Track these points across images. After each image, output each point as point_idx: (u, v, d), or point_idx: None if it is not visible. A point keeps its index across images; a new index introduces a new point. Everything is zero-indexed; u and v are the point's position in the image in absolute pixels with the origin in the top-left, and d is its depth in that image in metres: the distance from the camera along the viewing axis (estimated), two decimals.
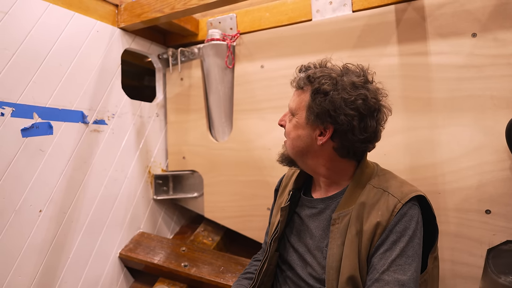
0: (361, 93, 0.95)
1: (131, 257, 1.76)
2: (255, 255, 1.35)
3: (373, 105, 0.96)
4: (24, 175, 1.36)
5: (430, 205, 0.97)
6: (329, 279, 0.92)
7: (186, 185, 2.16)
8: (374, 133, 0.99)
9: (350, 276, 0.88)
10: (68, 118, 1.53)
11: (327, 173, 1.05)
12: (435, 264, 1.00)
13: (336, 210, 0.98)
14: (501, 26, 1.32)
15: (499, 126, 1.29)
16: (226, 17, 1.94)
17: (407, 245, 0.87)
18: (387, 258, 0.87)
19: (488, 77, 1.33)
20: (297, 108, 1.04)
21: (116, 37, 1.82)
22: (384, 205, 0.92)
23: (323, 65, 1.06)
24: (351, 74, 1.00)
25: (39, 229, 1.40)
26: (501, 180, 1.30)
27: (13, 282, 1.30)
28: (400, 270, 0.85)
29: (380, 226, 0.90)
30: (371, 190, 0.97)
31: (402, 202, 0.91)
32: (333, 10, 1.66)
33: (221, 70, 1.91)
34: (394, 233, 0.89)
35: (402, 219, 0.90)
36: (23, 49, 1.37)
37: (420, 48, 1.46)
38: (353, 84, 0.96)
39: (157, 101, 2.14)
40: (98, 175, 1.68)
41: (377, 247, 0.89)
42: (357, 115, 0.94)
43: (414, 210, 0.92)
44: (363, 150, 1.01)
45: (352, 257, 0.90)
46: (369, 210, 0.93)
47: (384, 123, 1.03)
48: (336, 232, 0.95)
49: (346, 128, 0.95)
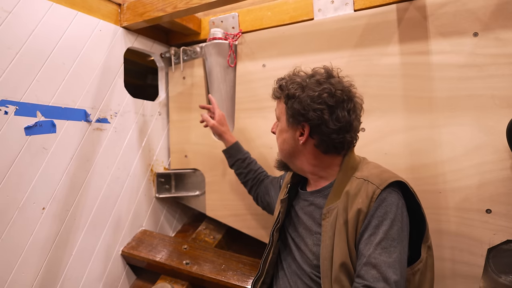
0: (325, 88, 1.05)
1: (134, 255, 1.77)
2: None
3: (340, 96, 1.05)
4: (27, 173, 1.37)
5: (413, 193, 1.01)
6: (323, 269, 0.97)
7: (188, 184, 2.17)
8: (349, 123, 1.06)
9: (342, 263, 0.93)
10: (71, 117, 1.55)
11: (314, 170, 1.14)
12: (429, 253, 1.03)
13: (326, 205, 1.04)
14: (502, 26, 1.32)
15: (500, 126, 1.29)
16: (228, 16, 1.95)
17: (390, 228, 0.92)
18: (371, 242, 0.91)
19: (489, 77, 1.33)
20: (279, 115, 1.19)
21: (119, 36, 1.83)
22: (364, 193, 0.97)
23: (295, 73, 1.17)
24: (316, 75, 1.11)
25: (42, 226, 1.42)
26: (502, 179, 1.30)
27: (17, 279, 1.32)
28: (385, 252, 0.89)
29: (361, 213, 0.95)
30: (354, 181, 1.02)
31: (380, 188, 0.96)
32: (335, 9, 1.66)
33: (223, 69, 1.92)
34: (376, 218, 0.94)
35: (382, 204, 0.95)
36: (27, 48, 1.38)
37: (421, 47, 1.46)
38: (317, 81, 1.07)
39: (159, 99, 2.15)
40: (101, 173, 1.70)
41: (362, 233, 0.94)
42: (326, 108, 1.04)
43: (394, 195, 0.96)
44: (341, 141, 1.07)
45: (342, 245, 0.95)
46: (352, 200, 0.98)
47: (360, 115, 1.12)
48: (326, 226, 1.01)
49: (319, 123, 1.04)
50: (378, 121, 1.53)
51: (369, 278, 0.86)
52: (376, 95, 1.53)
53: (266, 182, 1.58)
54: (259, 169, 1.63)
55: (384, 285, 0.84)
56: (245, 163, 1.62)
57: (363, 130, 1.55)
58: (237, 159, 1.63)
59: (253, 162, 1.65)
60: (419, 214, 1.03)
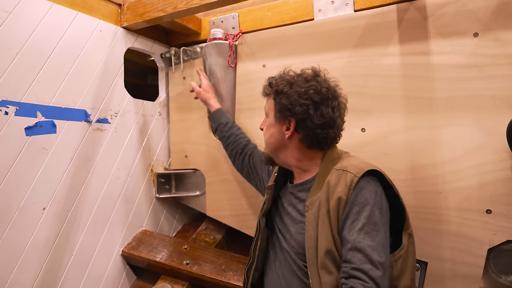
0: (312, 85, 1.12)
1: (134, 255, 1.77)
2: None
3: (325, 94, 1.12)
4: (27, 173, 1.37)
5: (390, 182, 1.05)
6: (309, 257, 1.01)
7: (188, 184, 2.17)
8: (332, 119, 1.12)
9: (327, 250, 0.97)
10: (71, 117, 1.55)
11: (298, 164, 1.20)
12: (410, 240, 1.06)
13: (308, 198, 1.09)
14: (503, 26, 1.32)
15: (500, 126, 1.29)
16: (228, 16, 1.95)
17: (371, 214, 0.96)
18: (354, 228, 0.95)
19: (490, 77, 1.33)
20: (267, 111, 1.25)
21: (119, 36, 1.83)
22: (343, 182, 1.01)
23: (285, 73, 1.24)
24: (304, 74, 1.18)
25: (42, 226, 1.42)
26: (502, 180, 1.30)
27: (17, 279, 1.32)
28: (368, 237, 0.93)
29: (342, 201, 0.99)
30: (334, 173, 1.07)
31: (358, 176, 1.00)
32: (335, 10, 1.66)
33: (223, 69, 1.92)
34: (356, 205, 0.98)
35: (361, 191, 0.99)
36: (27, 48, 1.39)
37: (421, 47, 1.46)
38: (305, 79, 1.15)
39: (159, 100, 2.16)
40: (101, 174, 1.70)
41: (344, 221, 0.98)
42: (311, 104, 1.10)
43: (372, 183, 1.01)
44: (325, 137, 1.13)
45: (326, 233, 0.99)
46: (333, 190, 1.03)
47: (344, 114, 1.19)
48: (310, 217, 1.05)
49: (305, 117, 1.10)
50: (378, 121, 1.53)
51: (356, 261, 0.90)
52: (376, 95, 1.53)
53: (257, 152, 1.61)
54: (240, 134, 1.68)
55: (370, 267, 0.88)
56: (227, 127, 1.69)
57: (363, 130, 1.55)
58: (219, 123, 1.71)
59: (236, 127, 1.71)
60: (398, 204, 1.07)
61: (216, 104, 1.78)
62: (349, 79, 1.58)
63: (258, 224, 1.27)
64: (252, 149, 1.63)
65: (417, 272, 1.37)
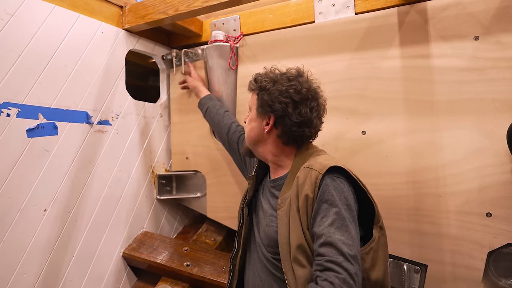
0: (293, 84, 1.17)
1: (135, 256, 1.78)
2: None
3: (305, 94, 1.16)
4: (29, 175, 1.38)
5: (355, 177, 1.08)
6: (283, 253, 1.04)
7: (189, 185, 2.17)
8: (310, 119, 1.16)
9: (298, 244, 1.00)
10: (72, 119, 1.55)
11: (274, 159, 1.24)
12: (381, 232, 1.09)
13: (280, 196, 1.14)
14: (503, 29, 1.32)
15: (500, 129, 1.29)
16: (229, 19, 1.95)
17: (341, 209, 0.99)
18: (324, 223, 0.98)
19: (490, 80, 1.33)
20: (251, 106, 1.29)
21: (121, 38, 1.84)
22: (309, 180, 1.05)
23: (271, 71, 1.28)
24: (288, 73, 1.23)
25: (44, 228, 1.42)
26: (502, 183, 1.30)
27: (18, 280, 1.33)
28: (339, 231, 0.95)
29: (309, 198, 1.03)
30: (302, 171, 1.10)
31: (322, 173, 1.04)
32: (336, 12, 1.66)
33: (224, 71, 1.92)
34: (325, 202, 1.01)
35: (328, 188, 1.02)
36: (29, 51, 1.39)
37: (422, 50, 1.46)
38: (288, 78, 1.20)
39: (160, 101, 2.16)
40: (102, 175, 1.70)
41: (314, 217, 1.01)
42: (291, 102, 1.15)
43: (337, 180, 1.04)
44: (301, 135, 1.17)
45: (297, 229, 1.02)
46: (301, 188, 1.06)
47: (322, 115, 1.23)
48: (282, 214, 1.09)
49: (283, 114, 1.15)
50: (378, 124, 1.53)
51: (328, 254, 0.93)
52: (377, 98, 1.53)
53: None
54: (226, 113, 1.74)
55: (343, 259, 0.90)
56: (215, 108, 1.76)
57: (364, 133, 1.55)
58: (208, 106, 1.79)
59: (224, 108, 1.78)
60: (366, 198, 1.09)
61: (206, 91, 1.88)
62: (350, 81, 1.59)
63: (242, 213, 1.30)
64: (240, 131, 1.66)
65: (417, 275, 1.38)
